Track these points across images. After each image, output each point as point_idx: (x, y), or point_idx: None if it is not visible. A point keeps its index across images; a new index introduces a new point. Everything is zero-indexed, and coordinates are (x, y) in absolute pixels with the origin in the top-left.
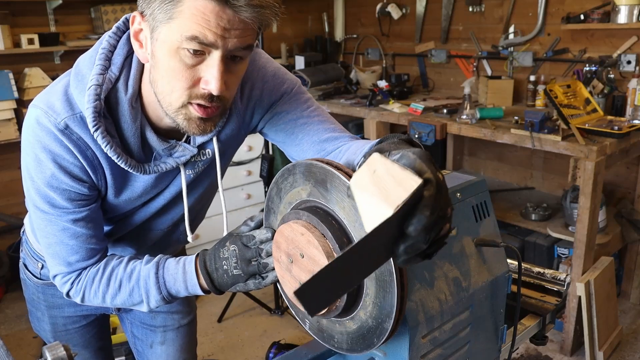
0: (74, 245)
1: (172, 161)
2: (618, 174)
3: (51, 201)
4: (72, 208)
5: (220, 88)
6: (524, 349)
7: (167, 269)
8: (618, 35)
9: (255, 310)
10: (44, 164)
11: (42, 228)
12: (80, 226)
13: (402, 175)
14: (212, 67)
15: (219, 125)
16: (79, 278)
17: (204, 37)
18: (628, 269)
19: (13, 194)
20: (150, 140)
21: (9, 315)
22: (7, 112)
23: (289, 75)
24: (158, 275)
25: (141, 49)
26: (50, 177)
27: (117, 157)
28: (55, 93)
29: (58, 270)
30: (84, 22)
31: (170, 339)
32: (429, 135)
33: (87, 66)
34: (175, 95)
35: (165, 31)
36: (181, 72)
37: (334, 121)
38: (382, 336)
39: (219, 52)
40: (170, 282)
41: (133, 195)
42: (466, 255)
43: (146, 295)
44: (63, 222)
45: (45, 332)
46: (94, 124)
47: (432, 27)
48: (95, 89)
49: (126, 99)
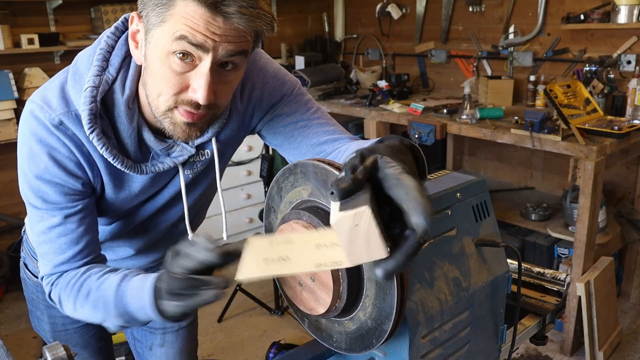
0: (62, 245)
1: (169, 161)
2: (618, 174)
3: (43, 196)
4: (64, 203)
5: (207, 97)
6: (524, 349)
7: (131, 281)
8: (618, 35)
9: (255, 310)
10: (38, 157)
11: (34, 225)
12: (71, 222)
13: (375, 243)
14: (201, 77)
15: (219, 126)
16: (58, 280)
17: (193, 37)
18: (628, 269)
19: (13, 194)
20: (148, 140)
21: (9, 315)
22: (7, 112)
23: (289, 77)
24: (119, 287)
25: (137, 49)
26: (44, 171)
27: (113, 158)
28: (52, 89)
29: (44, 272)
30: (84, 22)
31: (169, 341)
32: (429, 135)
33: (85, 65)
34: (162, 99)
35: (158, 34)
36: (170, 79)
37: (334, 122)
38: (381, 337)
39: (208, 60)
40: (130, 296)
41: (130, 194)
42: (466, 255)
43: (104, 309)
44: (54, 218)
45: (44, 331)
46: (89, 125)
47: (432, 27)
48: (92, 91)
49: (123, 100)
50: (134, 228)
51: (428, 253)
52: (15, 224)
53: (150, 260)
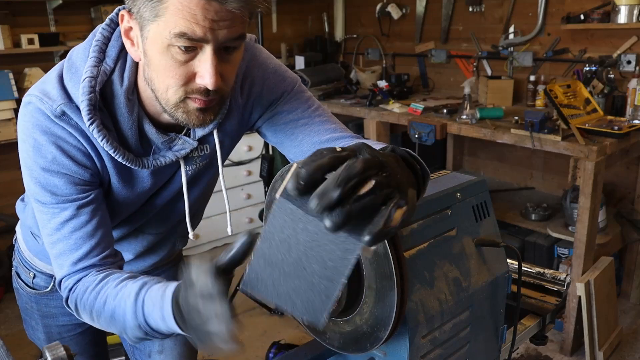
0: (77, 240)
1: (171, 154)
2: (618, 174)
3: (53, 189)
4: (75, 194)
5: (215, 82)
6: (524, 349)
7: (151, 290)
8: (618, 35)
9: (255, 310)
10: (44, 148)
11: (45, 225)
12: (84, 214)
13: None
14: (206, 62)
15: (219, 118)
16: (76, 286)
17: (193, 33)
18: (628, 269)
19: (13, 194)
20: (149, 133)
21: (9, 315)
22: (7, 112)
23: (290, 73)
24: (138, 297)
25: (133, 47)
26: (51, 162)
27: (114, 151)
28: (50, 82)
29: (61, 274)
30: (84, 22)
31: (168, 347)
32: (429, 135)
33: (80, 58)
34: (171, 91)
35: (154, 29)
36: (174, 70)
37: (336, 120)
38: (375, 343)
39: (210, 46)
40: (149, 306)
41: (133, 192)
42: (466, 255)
43: (123, 318)
44: (66, 212)
45: (40, 340)
46: (89, 117)
47: (432, 27)
48: (90, 81)
49: (122, 91)
50: (134, 231)
51: (428, 253)
52: (15, 224)
53: (149, 264)
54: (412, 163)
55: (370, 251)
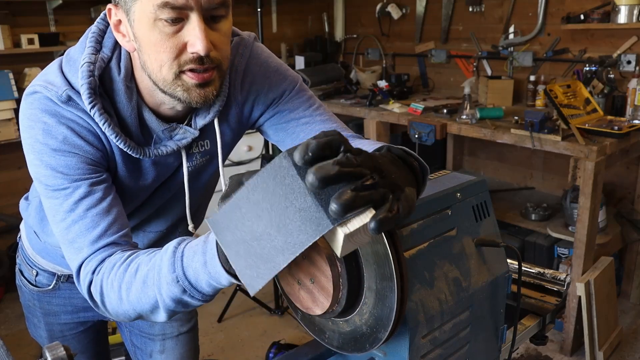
0: (93, 217)
1: (172, 144)
2: (618, 174)
3: (64, 170)
4: (88, 172)
5: (206, 46)
6: (524, 349)
7: (191, 243)
8: (618, 35)
9: (255, 310)
10: (55, 129)
11: (57, 210)
12: (98, 191)
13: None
14: (194, 29)
15: (220, 102)
16: (101, 265)
17: (175, 1)
18: (628, 269)
19: (13, 193)
20: (149, 121)
21: (9, 315)
22: (7, 112)
23: (291, 72)
24: (177, 249)
25: (124, 38)
26: (63, 142)
27: (115, 136)
28: (51, 72)
29: (79, 259)
30: (84, 22)
31: (169, 347)
32: (429, 135)
33: (77, 51)
34: (165, 68)
35: (138, 8)
36: (164, 43)
37: (337, 120)
38: (375, 344)
39: (195, 13)
40: (188, 256)
41: (135, 185)
42: (466, 255)
43: (158, 276)
44: (79, 190)
45: (42, 338)
46: (90, 100)
47: (432, 27)
48: (89, 66)
49: (120, 78)
50: (135, 229)
51: (428, 253)
52: (15, 224)
53: None
54: (410, 161)
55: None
